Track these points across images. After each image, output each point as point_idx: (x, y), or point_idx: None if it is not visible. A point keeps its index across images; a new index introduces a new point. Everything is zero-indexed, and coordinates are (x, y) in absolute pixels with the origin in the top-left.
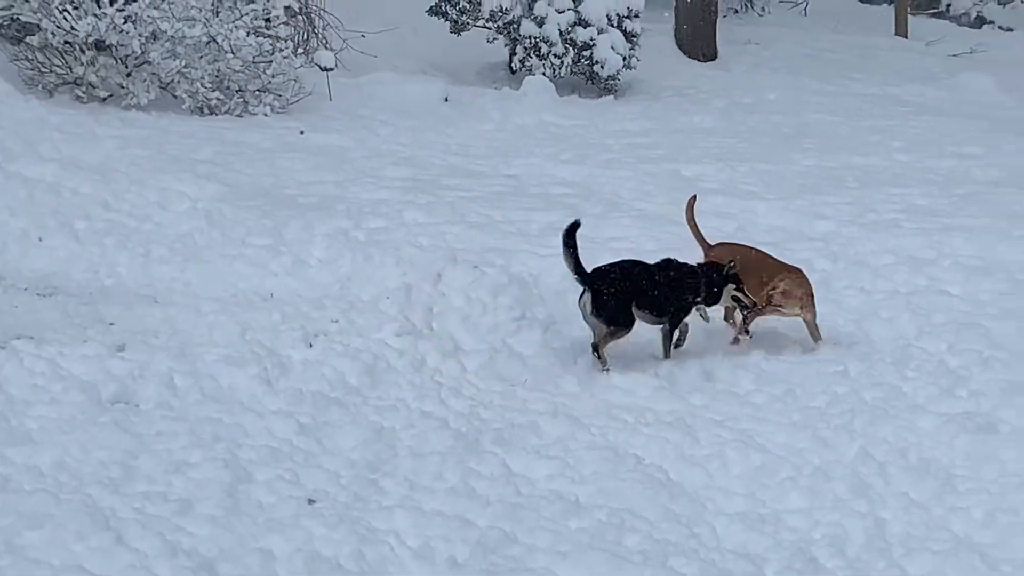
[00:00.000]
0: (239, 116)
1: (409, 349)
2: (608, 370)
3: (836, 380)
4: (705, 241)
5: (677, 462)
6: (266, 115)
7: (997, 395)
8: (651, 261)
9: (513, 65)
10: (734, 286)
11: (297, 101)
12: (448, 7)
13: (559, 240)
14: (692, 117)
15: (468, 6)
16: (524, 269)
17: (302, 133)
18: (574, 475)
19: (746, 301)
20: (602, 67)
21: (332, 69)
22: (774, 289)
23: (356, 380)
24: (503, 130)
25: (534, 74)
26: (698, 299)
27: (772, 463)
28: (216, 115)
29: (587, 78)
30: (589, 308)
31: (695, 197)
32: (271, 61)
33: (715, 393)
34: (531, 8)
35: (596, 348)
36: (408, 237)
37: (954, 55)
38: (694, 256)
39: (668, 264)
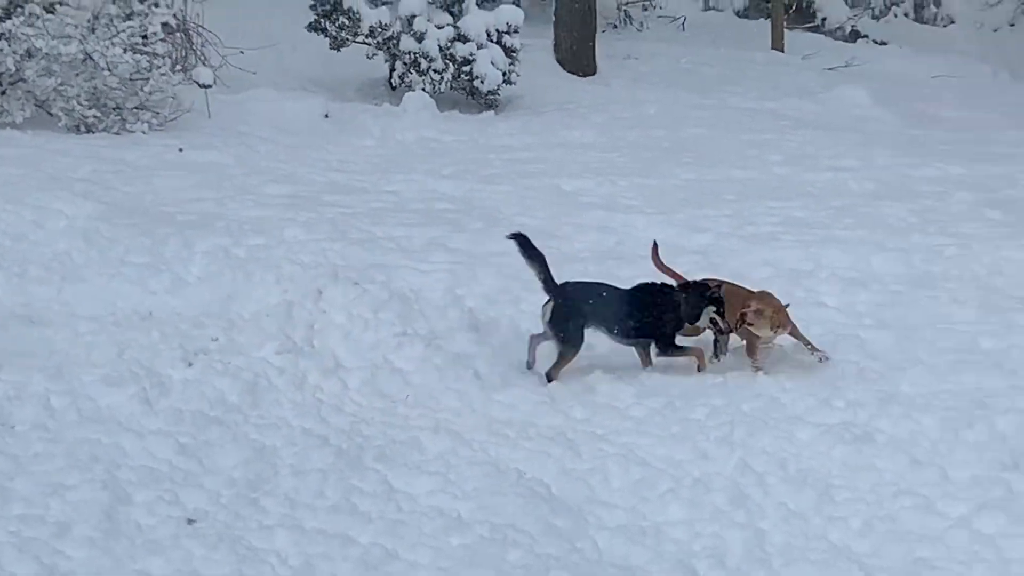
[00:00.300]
0: (117, 134)
1: (290, 367)
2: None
3: (715, 392)
4: (682, 278)
5: (559, 476)
6: (144, 133)
7: (874, 405)
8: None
9: (393, 81)
10: (714, 308)
11: (175, 118)
12: (327, 23)
13: (441, 256)
14: (572, 132)
15: (347, 22)
16: (405, 285)
17: (181, 150)
18: (456, 491)
19: (722, 325)
20: (482, 82)
21: (211, 86)
22: (746, 308)
23: (237, 398)
24: (384, 146)
25: (414, 90)
26: (679, 321)
27: (652, 476)
28: (93, 133)
29: (467, 93)
30: (548, 317)
31: (656, 243)
32: (148, 78)
33: (596, 407)
34: (410, 24)
35: (550, 377)
36: (289, 254)
37: (830, 69)
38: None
39: (641, 287)
